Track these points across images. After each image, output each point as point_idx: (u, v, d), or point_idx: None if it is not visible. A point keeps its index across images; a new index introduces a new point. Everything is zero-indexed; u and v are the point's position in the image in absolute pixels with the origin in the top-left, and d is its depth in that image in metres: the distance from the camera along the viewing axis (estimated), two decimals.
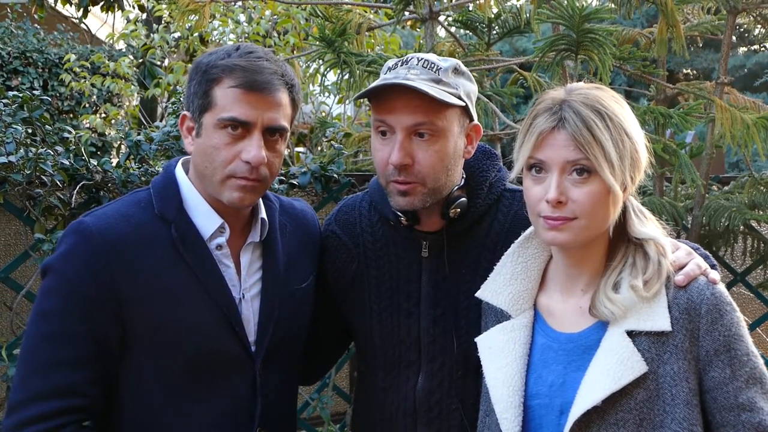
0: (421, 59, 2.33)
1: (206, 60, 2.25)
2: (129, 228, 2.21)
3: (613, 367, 1.97)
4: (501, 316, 2.24)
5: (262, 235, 2.39)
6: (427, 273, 2.46)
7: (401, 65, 2.34)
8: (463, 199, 2.41)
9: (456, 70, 2.35)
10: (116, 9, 11.61)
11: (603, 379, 1.97)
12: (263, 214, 2.39)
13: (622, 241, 2.12)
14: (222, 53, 2.25)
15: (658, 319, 2.00)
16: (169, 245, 2.24)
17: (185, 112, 2.29)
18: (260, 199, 2.38)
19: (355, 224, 2.59)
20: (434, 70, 2.30)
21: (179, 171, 2.36)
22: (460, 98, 2.30)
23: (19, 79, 9.81)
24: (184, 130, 2.30)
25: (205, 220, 2.29)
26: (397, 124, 2.27)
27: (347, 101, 7.12)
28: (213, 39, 7.70)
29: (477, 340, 2.27)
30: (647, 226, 2.12)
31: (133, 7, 11.07)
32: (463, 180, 2.45)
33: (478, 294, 2.28)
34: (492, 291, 2.25)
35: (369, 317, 2.53)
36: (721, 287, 2.06)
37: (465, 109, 2.34)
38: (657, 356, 2.00)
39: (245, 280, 2.35)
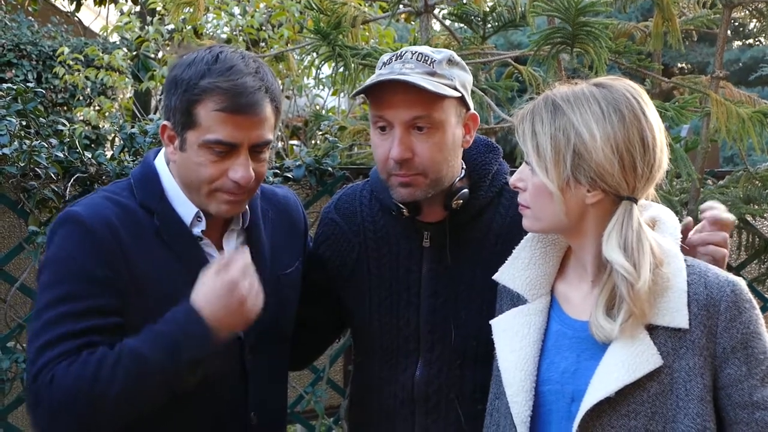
0: (416, 53, 2.34)
1: (186, 76, 2.18)
2: (118, 210, 2.22)
3: (628, 359, 1.97)
4: (517, 300, 2.24)
5: (245, 222, 2.39)
6: (427, 263, 2.47)
7: (396, 60, 2.35)
8: (465, 190, 2.42)
9: (450, 61, 2.36)
10: (110, 1, 11.58)
11: (617, 370, 1.97)
12: None
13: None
14: (200, 67, 2.17)
15: (677, 316, 1.99)
16: (153, 233, 2.24)
17: (165, 122, 2.25)
18: None
19: (355, 213, 2.59)
20: (429, 62, 2.31)
21: (159, 160, 2.35)
22: (455, 89, 2.31)
23: (13, 71, 9.78)
24: (165, 139, 2.27)
25: (184, 209, 2.29)
26: (395, 119, 2.29)
27: (342, 94, 7.11)
28: (207, 32, 7.68)
29: (492, 322, 2.26)
30: (614, 247, 1.99)
31: (127, 0, 11.04)
32: (464, 171, 2.46)
33: (495, 277, 2.28)
34: (509, 274, 2.24)
35: (368, 306, 2.54)
36: (742, 284, 2.04)
37: (461, 100, 2.35)
38: (673, 351, 1.99)
39: None
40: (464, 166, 2.48)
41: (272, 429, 2.48)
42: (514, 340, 2.17)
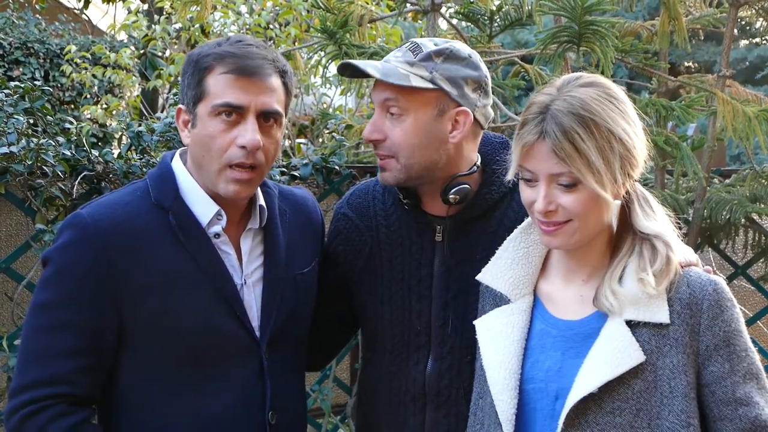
0: (413, 43, 2.41)
1: (197, 52, 2.28)
2: (125, 216, 2.23)
3: (611, 355, 1.99)
4: (500, 300, 2.25)
5: (262, 221, 2.40)
6: (440, 257, 2.49)
7: (397, 48, 2.46)
8: (465, 185, 2.43)
9: (446, 56, 2.38)
10: (117, 0, 11.58)
11: (600, 367, 1.99)
12: (261, 201, 2.40)
13: (627, 232, 2.12)
14: (212, 44, 2.29)
15: (657, 311, 2.02)
16: (167, 232, 2.25)
17: (181, 106, 2.31)
18: (258, 187, 2.39)
19: (368, 208, 2.61)
20: (415, 53, 2.38)
21: (176, 161, 2.37)
22: (432, 82, 2.34)
23: (21, 69, 9.79)
24: (180, 124, 2.32)
25: (202, 207, 2.30)
26: (375, 100, 2.41)
27: (349, 93, 7.11)
28: (214, 30, 7.68)
29: (476, 322, 2.28)
30: (652, 220, 2.10)
31: None
32: (476, 167, 2.48)
33: (478, 277, 2.29)
34: (492, 274, 2.26)
35: (380, 300, 2.55)
36: (723, 283, 2.07)
37: (447, 95, 2.37)
38: (657, 348, 2.02)
39: (247, 266, 2.36)
40: (479, 163, 2.50)
41: (291, 429, 2.48)
42: (498, 339, 2.18)
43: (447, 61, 2.38)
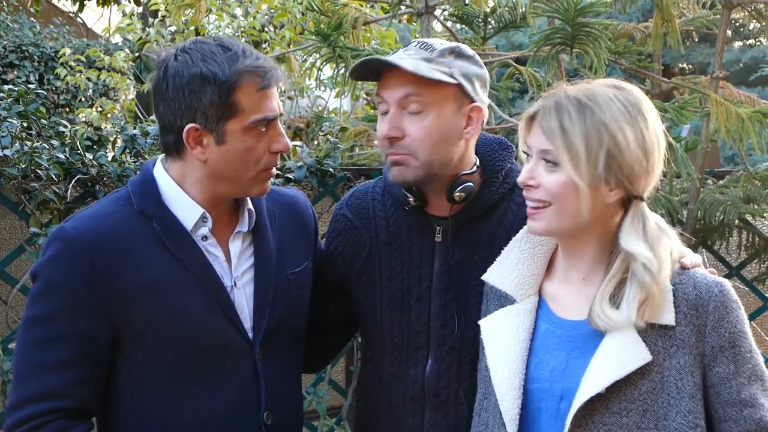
0: (421, 42, 2.41)
1: (212, 71, 2.20)
2: (108, 225, 2.23)
3: (617, 356, 2.00)
4: (504, 301, 2.26)
5: (250, 225, 2.40)
6: (439, 258, 2.49)
7: (402, 48, 2.44)
8: (469, 183, 2.43)
9: (455, 53, 2.39)
10: (112, 3, 11.57)
11: (607, 367, 2.00)
12: (250, 205, 2.40)
13: (618, 247, 2.10)
14: (221, 59, 2.21)
15: (664, 313, 2.03)
16: (152, 239, 2.25)
17: (192, 125, 2.22)
18: None
19: (367, 209, 2.61)
20: (429, 50, 2.36)
21: (158, 168, 2.35)
22: (452, 77, 2.34)
23: (15, 72, 9.79)
24: (191, 142, 2.24)
25: (186, 211, 2.29)
26: (390, 98, 2.36)
27: (343, 95, 7.12)
28: (209, 33, 7.69)
29: (480, 322, 2.29)
30: (636, 240, 2.05)
31: (129, 1, 11.03)
32: (476, 167, 2.48)
33: (483, 277, 2.30)
34: (498, 275, 2.26)
35: (379, 301, 2.55)
36: (729, 285, 2.08)
37: (463, 90, 2.37)
38: (663, 349, 2.02)
39: (236, 268, 2.36)
40: (478, 163, 2.50)
41: (287, 429, 2.48)
42: (502, 339, 2.19)
43: (460, 59, 2.40)
